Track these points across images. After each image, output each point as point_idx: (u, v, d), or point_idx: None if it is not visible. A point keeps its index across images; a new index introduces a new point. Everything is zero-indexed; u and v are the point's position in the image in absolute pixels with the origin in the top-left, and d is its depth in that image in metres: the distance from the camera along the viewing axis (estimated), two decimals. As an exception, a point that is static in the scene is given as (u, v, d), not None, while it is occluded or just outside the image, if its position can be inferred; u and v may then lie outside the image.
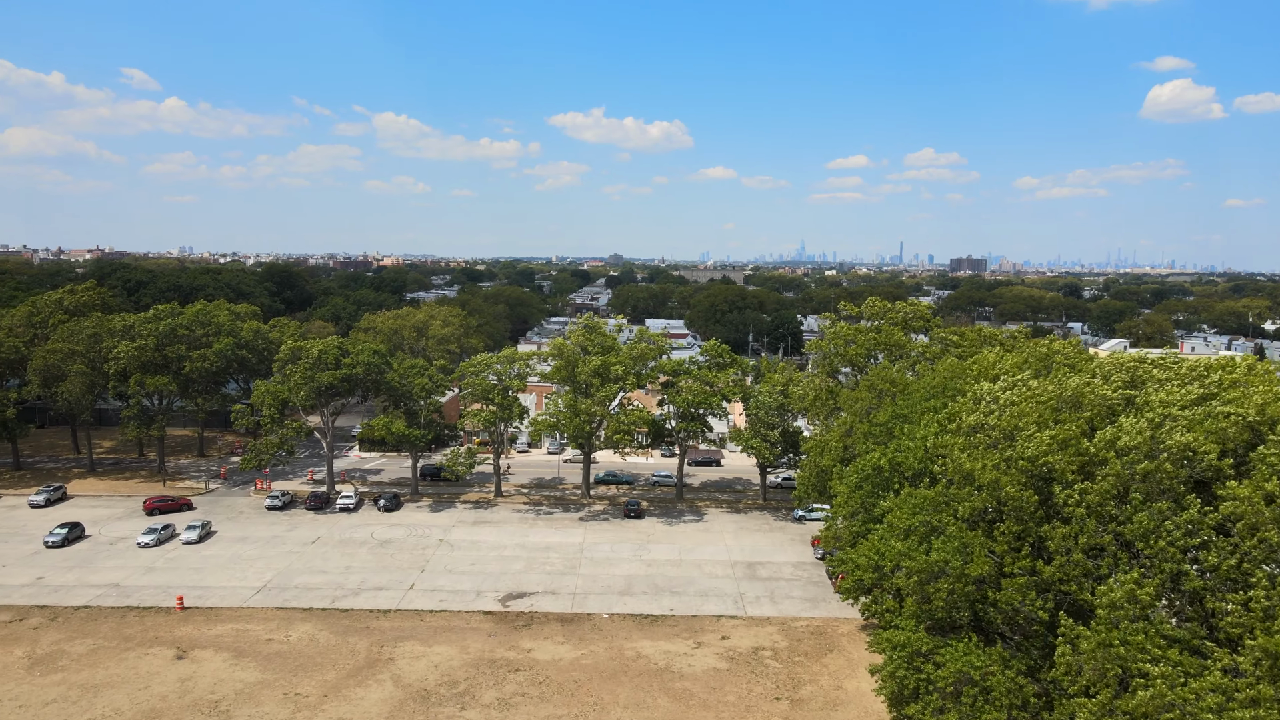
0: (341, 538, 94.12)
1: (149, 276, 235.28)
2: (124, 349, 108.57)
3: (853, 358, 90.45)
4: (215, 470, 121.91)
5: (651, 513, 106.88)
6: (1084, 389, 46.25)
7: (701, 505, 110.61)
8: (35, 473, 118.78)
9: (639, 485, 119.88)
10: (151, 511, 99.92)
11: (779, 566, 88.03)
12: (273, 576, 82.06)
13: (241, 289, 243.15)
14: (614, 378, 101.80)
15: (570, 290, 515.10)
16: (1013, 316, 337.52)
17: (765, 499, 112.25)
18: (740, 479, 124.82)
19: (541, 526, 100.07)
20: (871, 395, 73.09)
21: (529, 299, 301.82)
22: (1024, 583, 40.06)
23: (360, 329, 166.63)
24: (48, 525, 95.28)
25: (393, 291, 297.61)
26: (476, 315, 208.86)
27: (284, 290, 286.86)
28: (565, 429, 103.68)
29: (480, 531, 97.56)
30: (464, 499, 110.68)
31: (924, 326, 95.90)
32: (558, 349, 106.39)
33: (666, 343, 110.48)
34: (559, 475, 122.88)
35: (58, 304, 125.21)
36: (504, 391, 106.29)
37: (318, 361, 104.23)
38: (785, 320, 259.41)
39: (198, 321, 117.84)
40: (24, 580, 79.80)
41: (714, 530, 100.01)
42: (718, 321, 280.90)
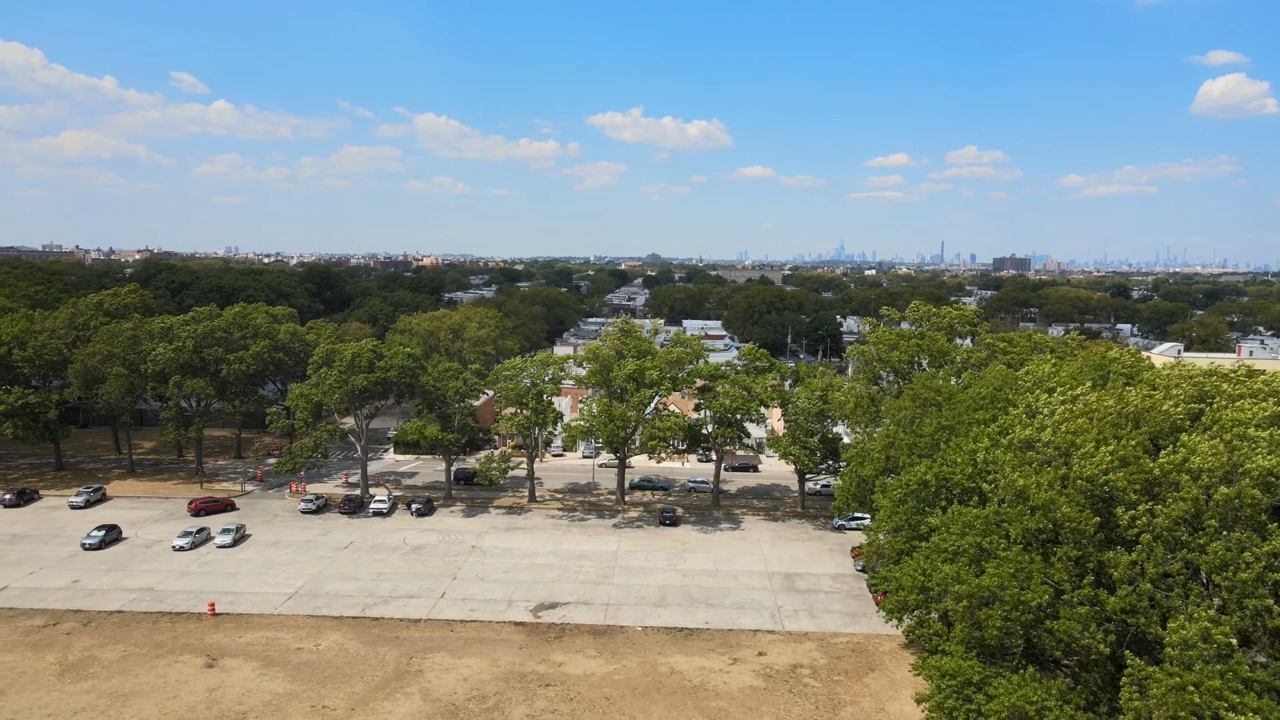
0: (374, 543, 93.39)
1: (192, 278, 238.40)
2: (161, 351, 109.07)
3: (896, 364, 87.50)
4: (252, 472, 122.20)
5: (687, 520, 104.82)
6: (1145, 405, 43.35)
7: (738, 513, 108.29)
8: (77, 473, 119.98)
9: (674, 491, 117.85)
10: (197, 513, 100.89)
11: (818, 578, 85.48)
12: (304, 582, 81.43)
13: (282, 290, 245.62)
14: (649, 383, 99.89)
15: (608, 290, 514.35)
16: (1059, 318, 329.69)
17: (804, 507, 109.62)
18: (778, 485, 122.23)
19: (575, 533, 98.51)
20: (915, 404, 70.32)
21: (566, 299, 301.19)
22: (1085, 614, 37.39)
23: (397, 330, 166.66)
24: (86, 527, 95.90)
25: (430, 292, 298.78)
26: (513, 316, 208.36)
27: (324, 291, 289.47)
28: (600, 435, 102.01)
29: (513, 538, 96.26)
30: (497, 504, 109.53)
31: (970, 331, 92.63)
32: (592, 353, 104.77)
33: (703, 347, 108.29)
34: (594, 480, 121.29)
35: (98, 306, 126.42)
36: (538, 396, 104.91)
37: (352, 364, 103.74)
38: (824, 322, 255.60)
39: (235, 324, 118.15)
40: (60, 583, 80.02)
41: (751, 539, 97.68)
42: (756, 323, 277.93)
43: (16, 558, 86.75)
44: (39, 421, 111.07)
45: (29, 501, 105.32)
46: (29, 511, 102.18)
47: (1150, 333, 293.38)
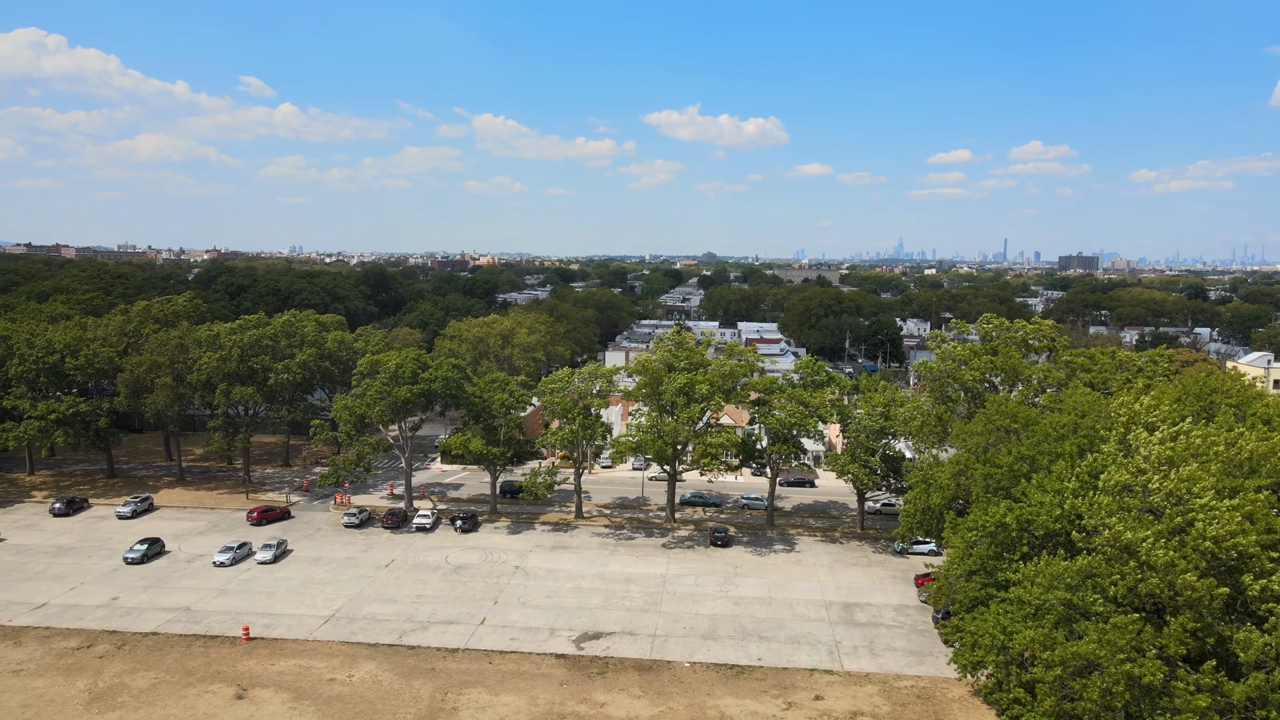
0: (415, 561, 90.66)
1: (250, 281, 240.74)
2: (207, 360, 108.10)
3: (966, 382, 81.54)
4: (298, 481, 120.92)
5: (739, 540, 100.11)
6: (1264, 449, 37.61)
7: (793, 533, 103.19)
8: (128, 480, 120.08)
9: (726, 508, 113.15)
10: (259, 522, 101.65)
11: (879, 609, 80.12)
12: (342, 604, 78.89)
13: (337, 292, 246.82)
14: (699, 397, 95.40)
15: (662, 291, 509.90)
16: (1131, 321, 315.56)
17: (863, 527, 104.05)
18: (836, 502, 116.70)
19: (622, 554, 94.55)
20: (990, 430, 64.65)
21: (619, 302, 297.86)
22: (1205, 705, 32.01)
23: (446, 337, 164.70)
24: (131, 539, 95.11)
25: (484, 294, 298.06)
26: (564, 321, 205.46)
27: (378, 293, 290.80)
28: (648, 451, 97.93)
29: (558, 558, 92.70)
30: (543, 520, 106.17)
31: (1046, 347, 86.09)
32: (641, 365, 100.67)
33: (758, 360, 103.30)
34: (643, 495, 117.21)
35: (146, 312, 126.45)
36: (585, 410, 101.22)
37: (395, 376, 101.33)
38: (884, 326, 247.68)
39: (283, 332, 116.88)
40: (99, 600, 78.77)
41: (807, 563, 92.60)
42: (812, 326, 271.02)
43: (60, 571, 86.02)
44: (90, 430, 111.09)
45: (78, 510, 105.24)
46: (77, 521, 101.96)
47: (1232, 338, 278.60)
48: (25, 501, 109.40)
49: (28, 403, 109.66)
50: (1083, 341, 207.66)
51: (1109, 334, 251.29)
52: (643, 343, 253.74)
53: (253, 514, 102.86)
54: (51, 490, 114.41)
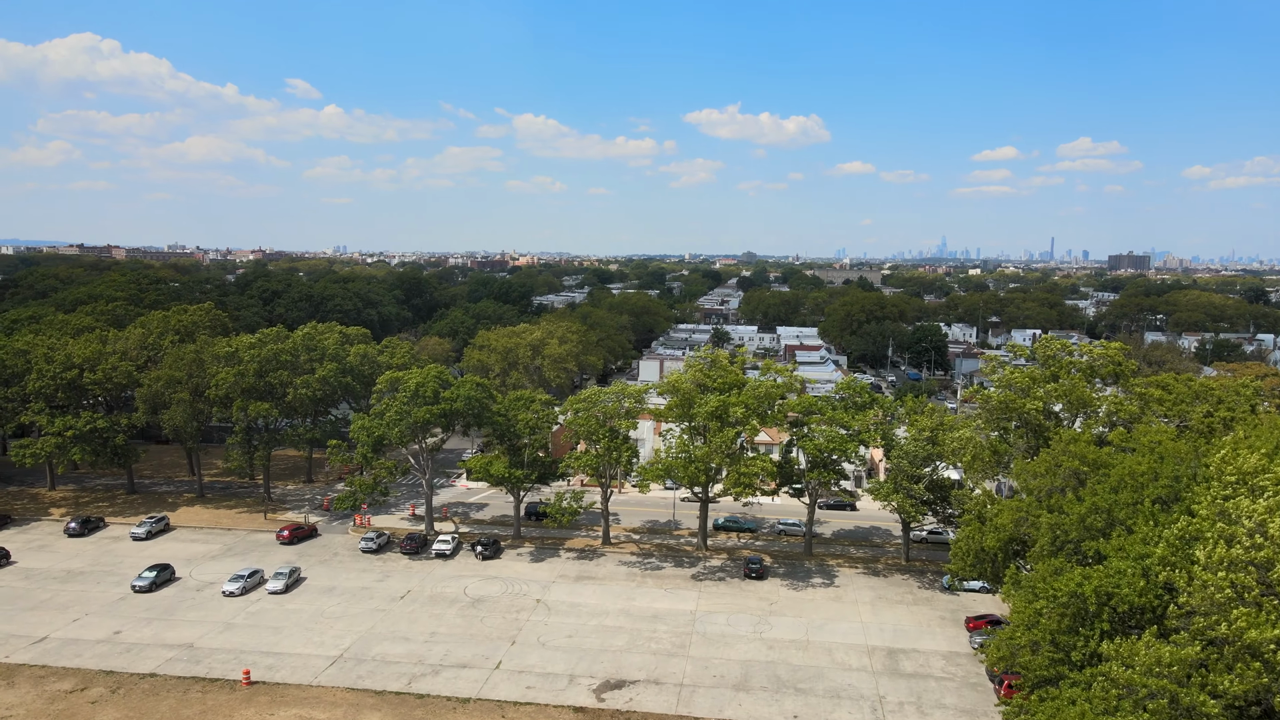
0: (432, 593, 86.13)
1: (284, 286, 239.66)
2: (224, 376, 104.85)
3: (1026, 414, 74.64)
4: (319, 499, 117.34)
5: (775, 571, 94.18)
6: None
7: (833, 563, 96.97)
8: (147, 497, 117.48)
9: (762, 534, 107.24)
10: (289, 541, 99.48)
11: (927, 657, 73.76)
12: (352, 643, 74.51)
13: (370, 298, 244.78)
14: (734, 421, 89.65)
15: (700, 293, 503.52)
16: (1189, 326, 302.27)
17: (908, 558, 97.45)
18: (878, 528, 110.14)
19: (650, 586, 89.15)
20: (1056, 473, 58.06)
21: (654, 306, 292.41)
22: None
23: (475, 347, 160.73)
24: (143, 562, 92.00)
25: (519, 298, 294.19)
26: (597, 329, 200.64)
27: (412, 298, 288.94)
28: (678, 478, 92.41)
29: (582, 590, 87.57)
30: (568, 545, 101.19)
31: (1113, 371, 78.79)
32: (672, 386, 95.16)
33: (796, 379, 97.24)
34: (674, 518, 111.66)
35: (165, 323, 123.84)
36: (611, 432, 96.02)
37: (415, 394, 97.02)
38: (928, 333, 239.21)
39: (303, 346, 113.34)
40: (100, 634, 75.31)
41: (847, 599, 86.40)
42: (854, 332, 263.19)
43: (67, 599, 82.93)
44: (107, 446, 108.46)
45: (93, 530, 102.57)
46: (91, 542, 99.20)
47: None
48: (42, 520, 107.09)
49: (45, 418, 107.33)
50: (1140, 351, 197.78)
51: (1167, 342, 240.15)
52: (678, 349, 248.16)
53: (283, 533, 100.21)
54: (70, 507, 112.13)
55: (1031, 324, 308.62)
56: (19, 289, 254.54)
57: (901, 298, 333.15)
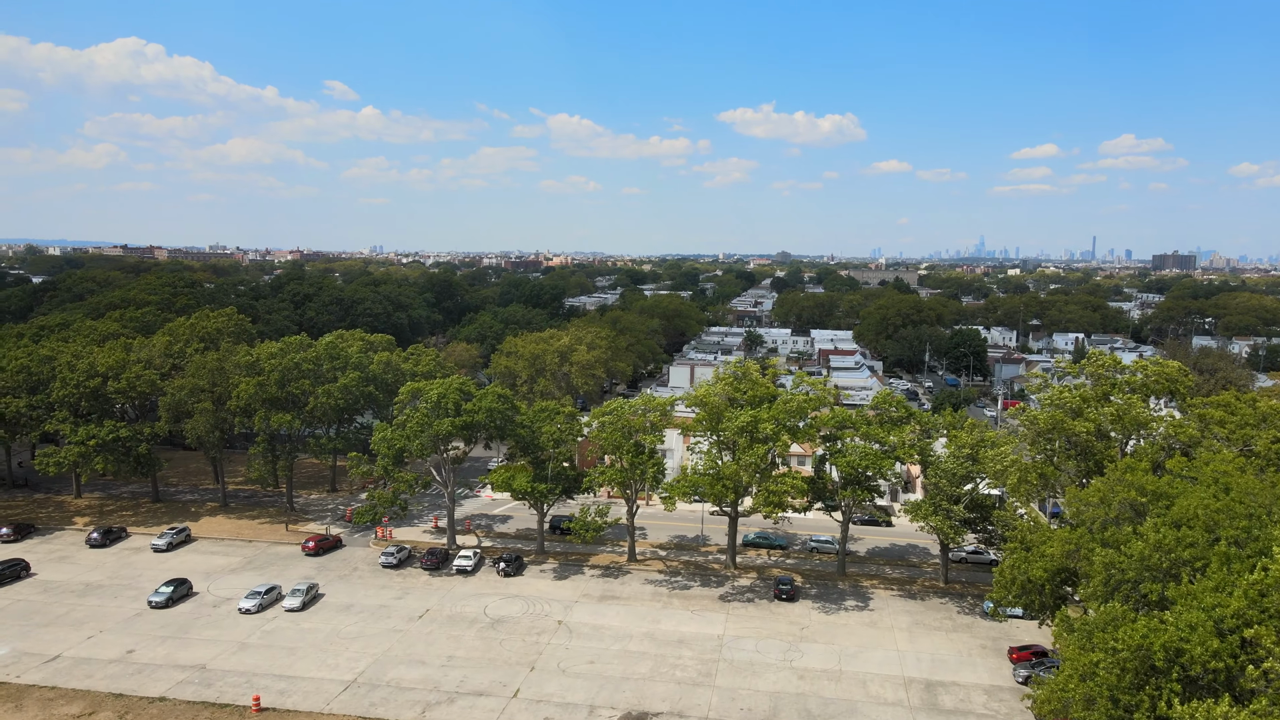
0: (451, 612, 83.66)
1: (315, 290, 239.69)
2: (246, 386, 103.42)
3: (1076, 436, 70.19)
4: (342, 510, 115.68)
5: (806, 592, 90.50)
6: None
7: (867, 584, 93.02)
8: (171, 506, 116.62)
9: (793, 551, 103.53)
10: (314, 552, 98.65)
11: (967, 692, 69.75)
12: (366, 666, 72.20)
13: (400, 301, 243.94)
14: (763, 437, 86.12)
15: (733, 294, 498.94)
16: (1240, 331, 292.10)
17: (946, 580, 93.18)
18: (915, 546, 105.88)
19: (676, 607, 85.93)
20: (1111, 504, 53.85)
21: (686, 309, 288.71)
22: None
23: (503, 353, 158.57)
24: (162, 576, 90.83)
25: (550, 300, 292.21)
26: (627, 334, 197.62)
27: (443, 300, 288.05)
28: (705, 495, 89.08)
29: (606, 611, 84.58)
30: (593, 562, 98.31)
31: (1168, 390, 74.03)
32: (700, 399, 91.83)
33: (830, 392, 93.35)
34: (702, 533, 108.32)
35: (192, 329, 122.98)
36: (636, 447, 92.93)
37: (437, 406, 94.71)
38: (966, 338, 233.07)
39: (326, 355, 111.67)
40: (114, 653, 73.79)
41: (883, 624, 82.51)
42: (889, 336, 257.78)
43: (82, 615, 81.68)
44: (130, 456, 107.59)
45: (115, 541, 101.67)
46: (112, 554, 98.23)
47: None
48: (66, 529, 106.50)
49: (69, 427, 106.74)
50: (1189, 358, 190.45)
51: (1218, 348, 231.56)
52: (710, 353, 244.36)
53: (309, 544, 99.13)
54: (95, 516, 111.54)
55: (1074, 327, 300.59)
56: (57, 292, 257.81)
57: (939, 300, 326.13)
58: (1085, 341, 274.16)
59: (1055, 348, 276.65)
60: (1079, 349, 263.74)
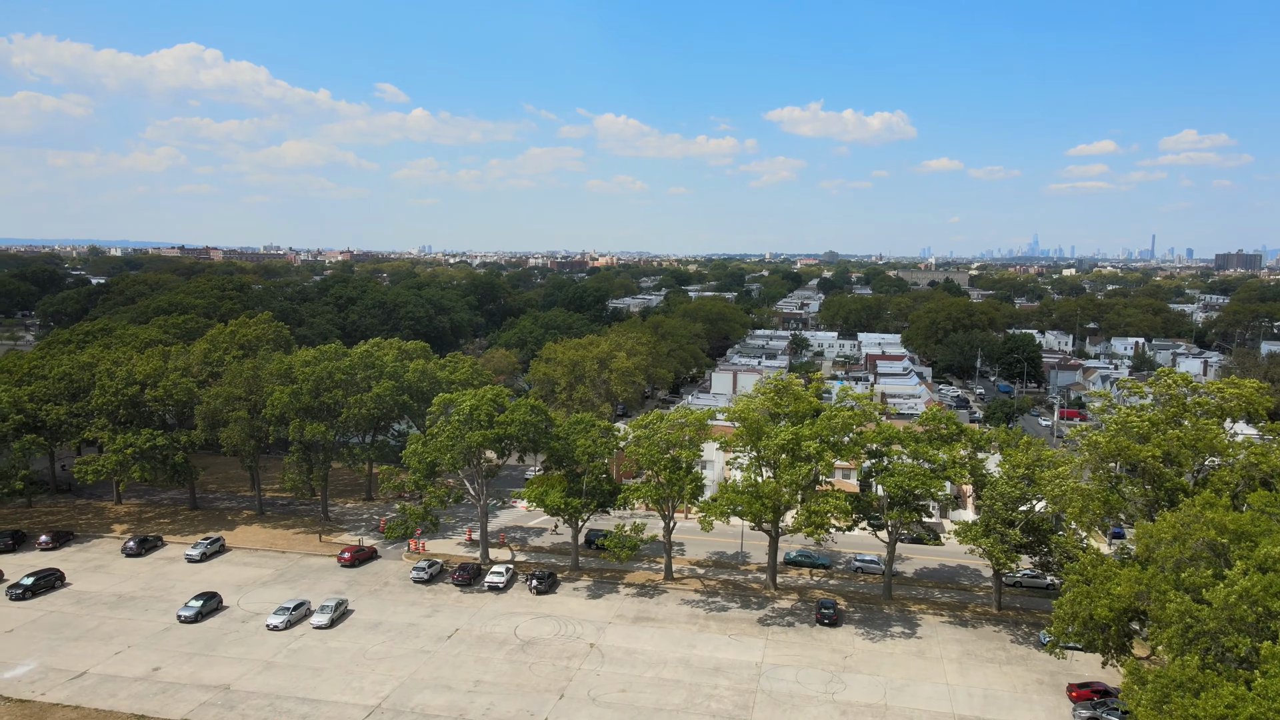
0: (480, 632, 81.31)
1: (358, 293, 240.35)
2: (279, 396, 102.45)
3: (1144, 461, 65.31)
4: (376, 519, 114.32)
5: (850, 617, 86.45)
6: None
7: (914, 609, 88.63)
8: (208, 513, 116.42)
9: (836, 571, 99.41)
10: (350, 564, 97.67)
11: (1023, 733, 65.30)
12: (391, 690, 70.10)
13: (442, 305, 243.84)
14: (805, 456, 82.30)
15: (779, 295, 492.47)
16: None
17: (999, 606, 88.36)
18: (966, 567, 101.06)
19: (713, 631, 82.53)
20: (1186, 543, 49.28)
21: (730, 313, 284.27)
22: None
23: (542, 359, 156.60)
24: (194, 587, 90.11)
25: (594, 303, 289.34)
26: (668, 339, 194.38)
27: (486, 303, 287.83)
28: (744, 515, 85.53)
29: (639, 634, 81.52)
30: (628, 580, 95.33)
31: (1245, 410, 68.62)
32: (740, 414, 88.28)
33: (875, 408, 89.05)
34: (742, 549, 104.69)
35: (231, 337, 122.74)
36: (673, 462, 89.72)
37: (469, 418, 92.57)
38: (1020, 343, 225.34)
39: (360, 364, 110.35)
40: (140, 670, 72.75)
41: (931, 655, 78.18)
42: (939, 341, 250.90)
43: (112, 628, 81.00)
44: (167, 464, 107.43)
45: (150, 550, 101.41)
46: (146, 564, 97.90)
47: None
48: (104, 537, 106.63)
49: (107, 435, 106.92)
50: (1259, 366, 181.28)
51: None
52: (754, 357, 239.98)
53: (344, 555, 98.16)
54: (133, 523, 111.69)
55: (1133, 331, 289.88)
56: (110, 295, 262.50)
57: (991, 304, 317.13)
58: (1145, 347, 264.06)
59: (1114, 353, 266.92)
60: (1139, 355, 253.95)
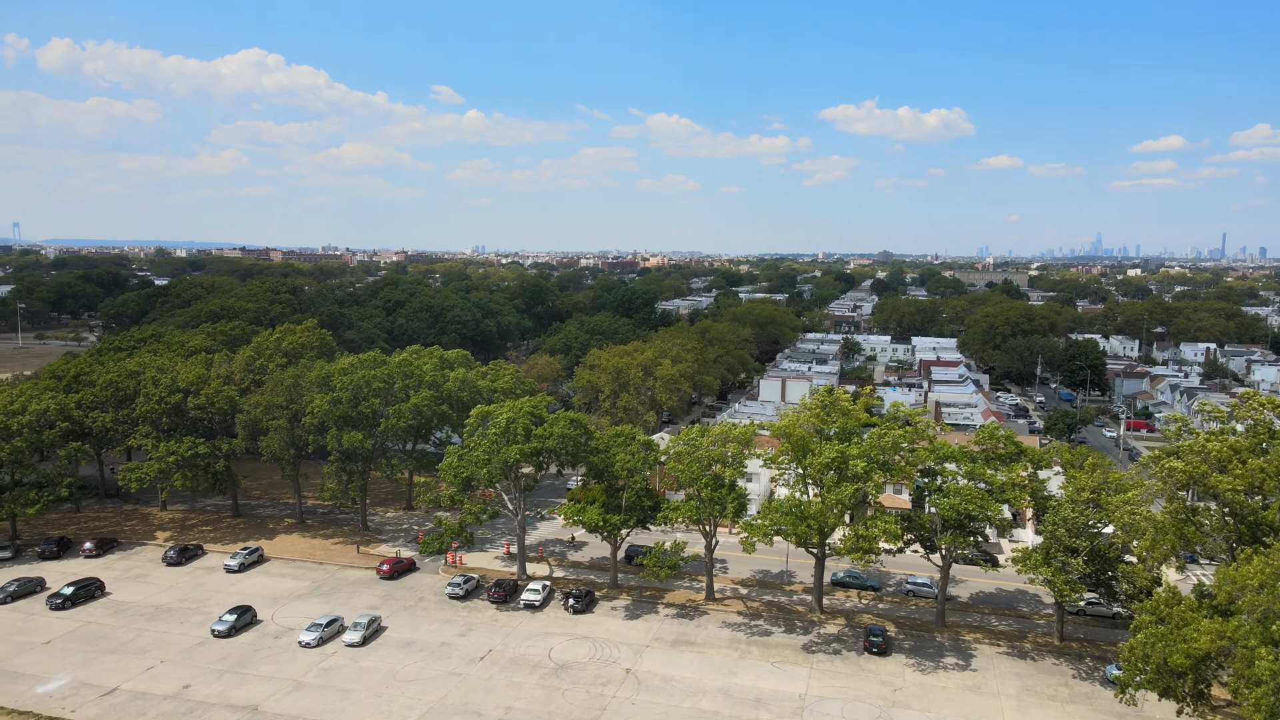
0: (514, 654, 78.95)
1: (406, 297, 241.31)
2: (318, 404, 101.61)
3: (1225, 493, 60.17)
4: (415, 530, 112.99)
5: (901, 645, 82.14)
6: None
7: (969, 638, 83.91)
8: (249, 521, 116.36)
9: (886, 594, 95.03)
10: (389, 576, 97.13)
11: (1087, 782, 60.65)
12: (419, 715, 68.08)
13: (489, 308, 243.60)
14: (852, 476, 78.31)
15: (831, 297, 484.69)
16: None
17: (1061, 638, 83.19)
18: (1025, 592, 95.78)
19: (755, 657, 79.00)
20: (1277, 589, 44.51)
21: (780, 316, 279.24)
22: None
23: (586, 366, 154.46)
24: (230, 599, 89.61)
25: (642, 305, 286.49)
26: (716, 345, 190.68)
27: (534, 306, 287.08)
28: (788, 536, 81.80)
29: (678, 660, 78.36)
30: (669, 599, 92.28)
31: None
32: (785, 430, 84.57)
33: (929, 426, 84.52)
34: (787, 568, 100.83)
35: (276, 345, 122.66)
36: (715, 480, 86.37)
37: (506, 431, 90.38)
38: (1083, 350, 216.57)
39: (399, 372, 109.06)
40: (170, 688, 71.89)
41: (987, 690, 73.63)
42: (997, 346, 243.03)
43: (147, 642, 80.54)
44: (208, 473, 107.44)
45: (190, 559, 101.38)
46: (185, 573, 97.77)
47: None
48: (147, 544, 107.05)
49: (151, 442, 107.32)
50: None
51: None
52: (804, 362, 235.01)
53: (383, 567, 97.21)
54: (176, 530, 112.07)
55: (1204, 336, 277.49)
56: (168, 298, 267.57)
57: (1052, 307, 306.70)
58: (1217, 353, 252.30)
59: (1183, 359, 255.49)
60: (1210, 361, 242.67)
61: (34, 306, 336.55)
